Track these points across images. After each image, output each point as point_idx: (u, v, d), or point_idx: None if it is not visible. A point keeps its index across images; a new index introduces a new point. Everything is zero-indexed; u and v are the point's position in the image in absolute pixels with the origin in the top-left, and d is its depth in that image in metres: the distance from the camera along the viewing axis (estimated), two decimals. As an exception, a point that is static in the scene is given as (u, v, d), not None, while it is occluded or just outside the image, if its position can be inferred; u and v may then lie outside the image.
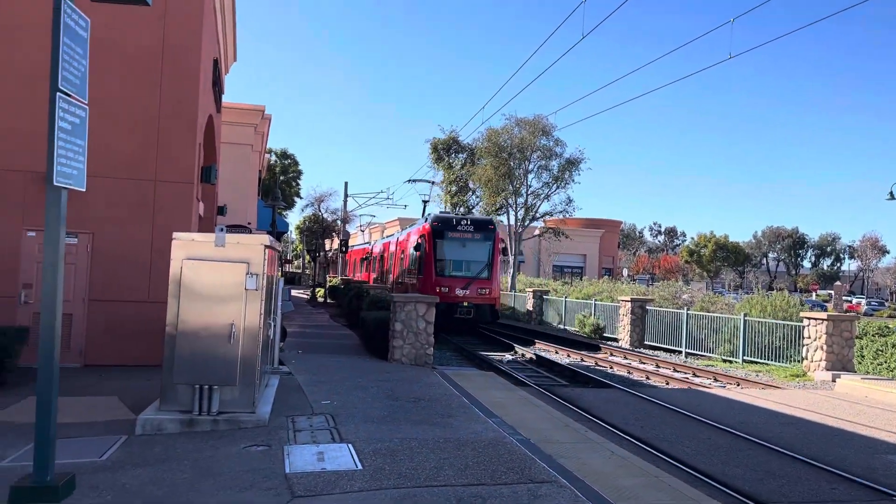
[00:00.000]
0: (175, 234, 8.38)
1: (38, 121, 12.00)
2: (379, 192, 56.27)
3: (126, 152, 12.55)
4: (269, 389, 10.06)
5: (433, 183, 44.12)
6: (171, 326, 8.24)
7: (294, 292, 43.82)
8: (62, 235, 6.01)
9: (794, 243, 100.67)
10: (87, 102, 6.19)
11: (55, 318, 5.94)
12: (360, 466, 7.08)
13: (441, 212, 30.03)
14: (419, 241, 25.72)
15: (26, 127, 12.01)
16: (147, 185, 12.59)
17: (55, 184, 5.85)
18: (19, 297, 11.99)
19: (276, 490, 6.38)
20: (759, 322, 19.89)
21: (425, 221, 26.78)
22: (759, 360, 19.48)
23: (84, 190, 6.26)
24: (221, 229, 8.37)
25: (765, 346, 19.50)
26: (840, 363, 17.18)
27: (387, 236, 45.68)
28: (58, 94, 5.77)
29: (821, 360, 17.32)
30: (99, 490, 6.28)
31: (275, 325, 10.44)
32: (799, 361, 18.36)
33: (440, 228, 25.26)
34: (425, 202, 40.53)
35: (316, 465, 7.13)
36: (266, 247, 8.61)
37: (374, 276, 38.58)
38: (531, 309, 33.69)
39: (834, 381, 16.31)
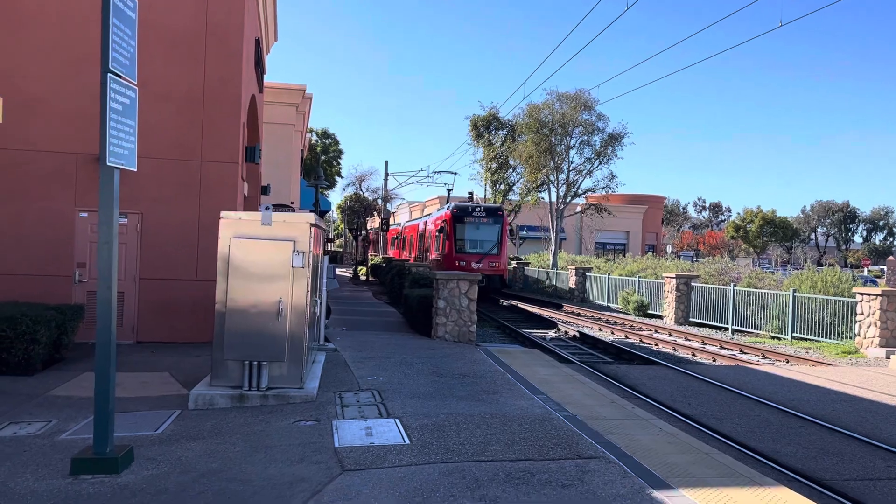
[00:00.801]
0: (222, 214, 8.50)
1: (85, 103, 12.25)
2: (419, 171, 56.47)
3: (172, 133, 12.75)
4: (315, 366, 10.22)
5: (455, 174, 46.87)
6: (221, 304, 8.39)
7: (337, 271, 44.38)
8: (116, 214, 6.15)
9: (845, 217, 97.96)
10: (136, 83, 6.29)
11: (111, 295, 6.09)
12: (407, 441, 7.16)
13: (459, 202, 36.46)
14: (442, 224, 31.71)
15: (75, 109, 12.28)
16: (193, 165, 12.79)
17: (108, 164, 5.97)
18: (73, 276, 12.35)
19: (326, 464, 6.49)
20: (808, 298, 19.46)
21: (446, 209, 32.43)
22: (808, 337, 19.09)
23: (135, 170, 6.38)
24: (268, 208, 8.47)
25: (814, 323, 19.10)
26: (895, 340, 16.75)
27: (422, 216, 46.96)
28: (108, 75, 5.87)
29: (874, 337, 16.90)
30: (156, 462, 6.46)
31: (321, 303, 10.57)
32: (851, 338, 17.95)
33: (459, 214, 31.08)
34: (449, 191, 44.91)
35: (364, 439, 7.23)
36: (312, 225, 8.69)
37: (408, 254, 42.44)
38: (573, 286, 33.51)
39: (888, 357, 15.92)
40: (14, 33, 12.21)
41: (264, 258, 8.42)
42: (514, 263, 44.17)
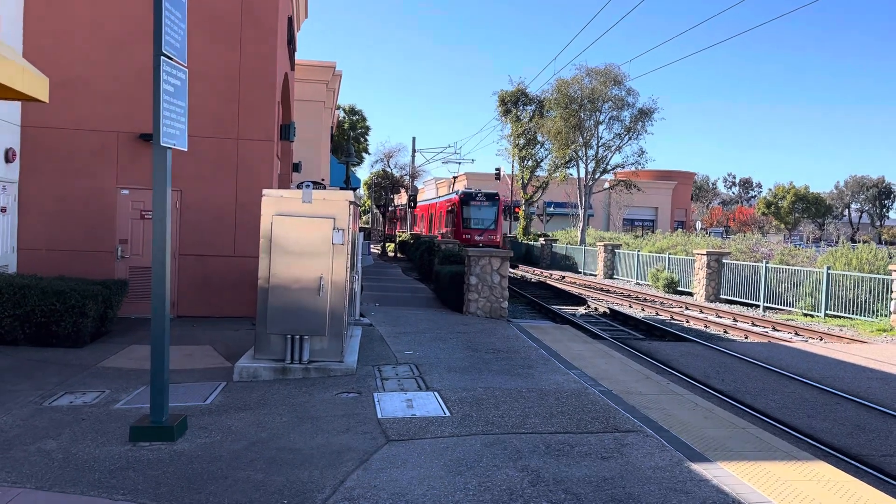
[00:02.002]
0: (265, 192, 8.69)
1: (128, 82, 12.50)
2: (446, 147, 56.30)
3: (210, 111, 12.96)
4: (353, 340, 10.45)
5: (460, 163, 50.69)
6: (264, 280, 8.61)
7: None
8: (168, 193, 6.36)
9: (880, 193, 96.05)
10: (186, 65, 6.46)
11: (165, 270, 6.33)
12: (447, 413, 7.36)
13: (465, 188, 43.94)
14: (452, 206, 42.12)
15: (117, 89, 12.53)
16: (230, 143, 13.01)
17: (162, 144, 6.17)
18: (116, 252, 12.69)
19: (371, 434, 6.71)
20: (842, 275, 19.31)
21: (455, 194, 42.73)
22: (842, 315, 18.97)
23: (186, 150, 6.58)
24: (308, 186, 8.65)
25: (849, 301, 18.96)
26: (931, 318, 16.60)
27: (447, 194, 47.95)
28: (162, 57, 6.04)
29: (910, 315, 16.75)
30: (208, 430, 6.74)
31: (358, 279, 10.76)
32: (886, 316, 17.81)
33: (465, 199, 41.02)
34: (455, 178, 52.81)
35: (406, 411, 7.44)
36: (350, 203, 8.85)
37: (434, 230, 47.21)
38: (602, 263, 33.49)
39: (925, 336, 15.79)
40: (58, 13, 12.46)
41: (305, 235, 8.60)
42: (541, 240, 44.15)
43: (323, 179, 25.19)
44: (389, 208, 59.05)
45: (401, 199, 69.13)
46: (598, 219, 69.40)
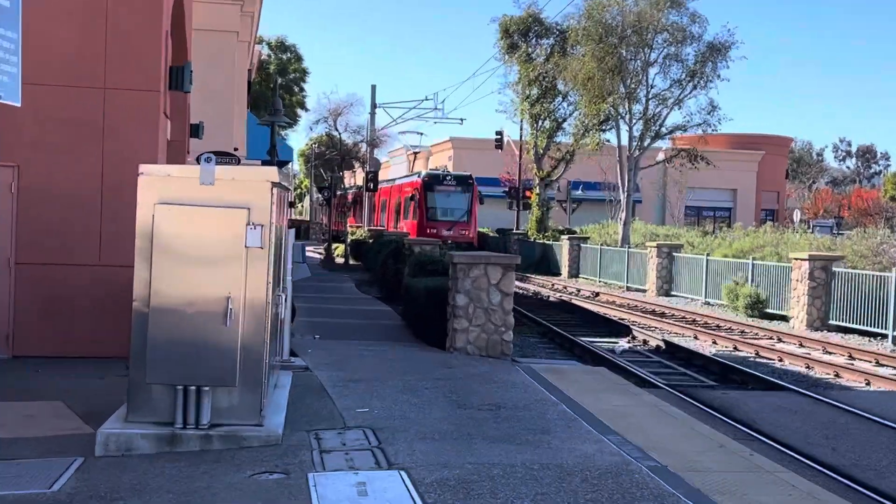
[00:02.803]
0: (142, 168, 8.60)
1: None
2: (422, 101, 56.06)
3: (61, 47, 12.80)
4: (279, 392, 10.35)
5: (422, 134, 53.65)
6: (142, 301, 8.49)
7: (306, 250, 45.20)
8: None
9: None
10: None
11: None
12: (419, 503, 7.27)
13: (430, 170, 50.40)
14: (413, 192, 46.36)
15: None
16: (92, 95, 12.87)
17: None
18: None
19: (302, 537, 6.61)
20: None
21: (416, 177, 48.07)
22: None
23: (20, 105, 6.45)
24: (210, 159, 8.55)
25: None
26: None
27: (403, 177, 49.07)
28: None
29: None
30: (53, 534, 6.60)
31: (286, 300, 10.68)
32: None
33: (429, 182, 46.04)
34: (415, 153, 57.54)
35: (356, 500, 7.34)
36: (273, 185, 8.76)
37: (394, 224, 50.67)
38: (654, 273, 33.68)
39: None
40: None
41: (205, 234, 8.52)
42: (564, 239, 44.39)
43: (236, 149, 25.08)
44: (338, 192, 58.87)
45: (355, 178, 69.05)
46: (647, 206, 69.88)
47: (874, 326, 22.37)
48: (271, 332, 9.18)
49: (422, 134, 53.71)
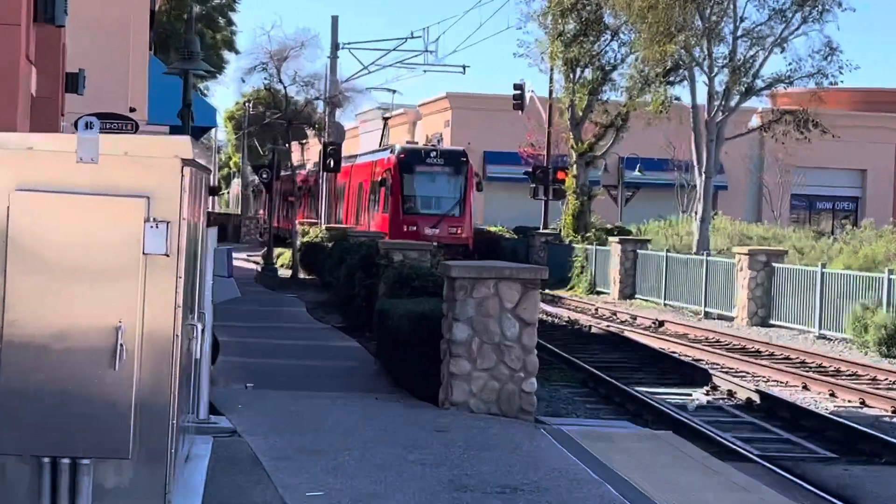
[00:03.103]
0: (-8, 137, 8.52)
1: None
2: (405, 39, 55.91)
3: None
4: (193, 465, 10.29)
5: (394, 91, 56.72)
6: (-12, 332, 8.41)
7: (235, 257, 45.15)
8: None
9: None
10: None
11: None
12: None
13: (408, 142, 53.15)
14: (384, 175, 46.79)
15: None
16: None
17: None
18: None
19: None
20: None
21: (389, 153, 48.37)
22: None
23: None
24: (90, 125, 8.49)
25: None
26: None
27: (369, 152, 49.80)
28: None
29: None
30: None
31: (203, 330, 10.60)
32: None
33: (407, 161, 46.32)
34: (385, 118, 58.85)
35: None
36: (185, 163, 8.68)
37: (367, 220, 52.04)
38: (746, 293, 33.58)
39: None
40: None
41: (85, 234, 8.41)
42: (614, 241, 44.32)
43: (133, 110, 25.02)
44: (283, 173, 58.55)
45: (308, 152, 68.93)
46: (735, 195, 70.00)
47: None
48: (182, 379, 9.06)
49: (394, 91, 53.61)
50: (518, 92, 56.08)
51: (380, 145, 60.84)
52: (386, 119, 63.63)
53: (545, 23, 50.72)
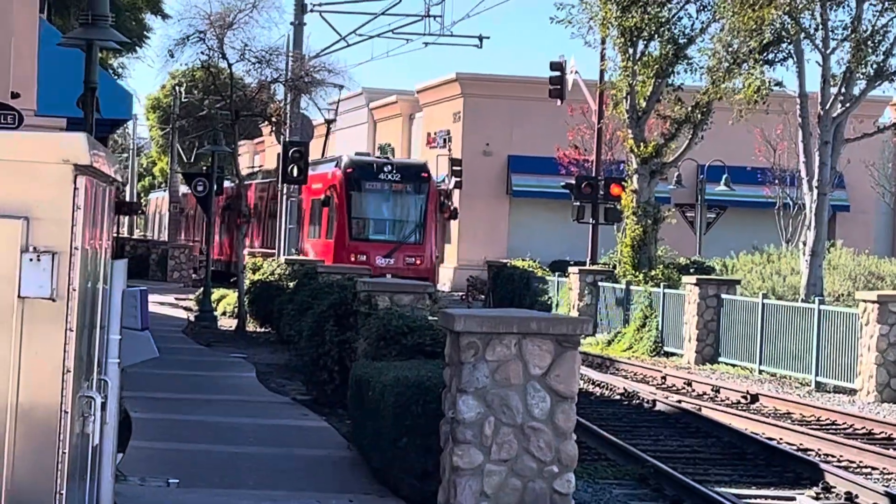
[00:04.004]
0: None
1: None
2: (397, 0, 56.06)
3: None
4: None
5: (341, 87, 57.92)
6: None
7: (151, 300, 45.09)
8: None
9: None
10: None
11: None
12: None
13: (357, 153, 56.21)
14: (328, 193, 51.10)
15: None
16: None
17: None
18: None
19: None
20: None
21: (333, 167, 53.11)
22: None
23: None
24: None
25: None
26: None
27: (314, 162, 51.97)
28: None
29: None
30: None
31: (105, 405, 10.59)
32: None
33: (355, 176, 50.61)
34: (328, 123, 62.72)
35: None
36: (79, 169, 8.69)
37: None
38: (874, 357, 33.47)
39: None
40: None
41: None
42: (689, 282, 44.26)
43: (16, 95, 25.08)
44: (227, 184, 58.48)
45: (263, 157, 69.31)
46: (861, 218, 70.05)
47: None
48: (72, 470, 9.07)
49: (341, 88, 54.45)
50: (556, 73, 56.24)
51: (322, 155, 61.03)
52: (329, 122, 63.26)
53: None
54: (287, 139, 48.91)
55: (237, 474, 17.34)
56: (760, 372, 38.95)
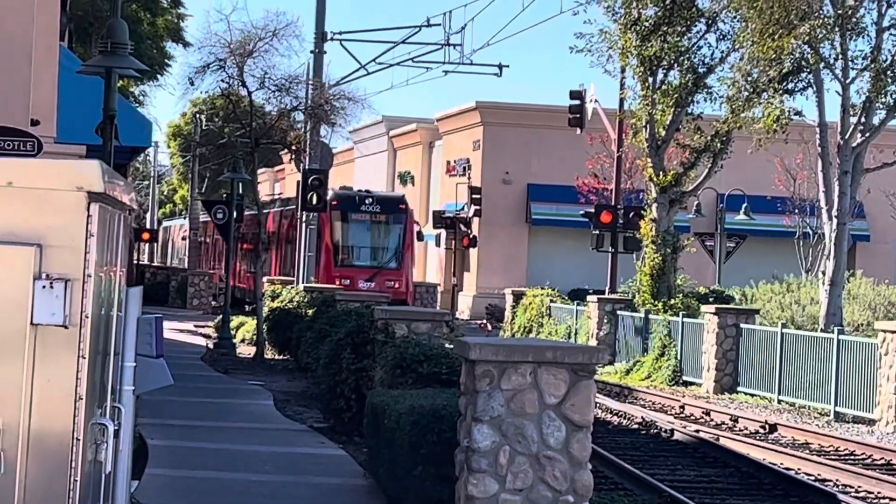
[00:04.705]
0: None
1: None
2: (418, 29, 56.04)
3: None
4: None
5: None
6: None
7: (170, 327, 44.73)
8: None
9: None
10: None
11: None
12: None
13: (342, 187, 61.45)
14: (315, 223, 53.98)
15: None
16: None
17: None
18: None
19: None
20: None
21: None
22: None
23: None
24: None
25: None
26: None
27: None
28: None
29: None
30: None
31: (119, 432, 10.57)
32: None
33: (340, 208, 56.04)
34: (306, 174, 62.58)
35: None
36: (92, 197, 8.68)
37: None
38: (894, 387, 33.38)
39: None
40: None
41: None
42: (708, 311, 44.20)
43: (36, 122, 25.13)
44: (247, 212, 58.47)
45: (283, 184, 69.23)
46: (880, 247, 70.04)
47: None
48: (84, 498, 9.03)
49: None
50: (576, 102, 56.21)
51: (280, 194, 63.03)
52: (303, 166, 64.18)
53: (614, 6, 50.75)
54: (307, 167, 48.96)
55: (253, 502, 17.33)
56: (779, 402, 38.87)
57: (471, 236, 74.32)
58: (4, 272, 8.54)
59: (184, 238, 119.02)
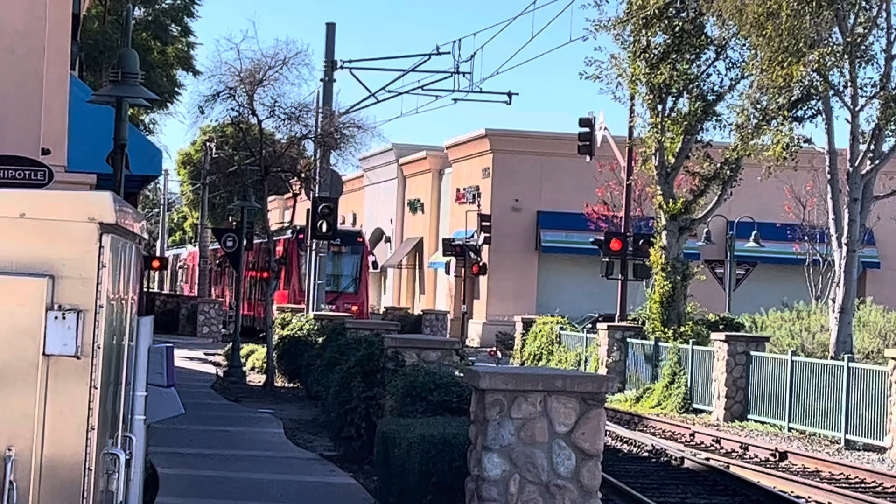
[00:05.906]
0: None
1: None
2: (428, 57, 56.00)
3: None
4: None
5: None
6: None
7: (180, 355, 44.72)
8: None
9: None
10: None
11: None
12: None
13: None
14: (283, 254, 62.38)
15: None
16: None
17: None
18: None
19: None
20: None
21: (291, 233, 65.63)
22: None
23: None
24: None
25: None
26: None
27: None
28: None
29: None
30: None
31: (130, 462, 10.58)
32: None
33: (304, 241, 59.12)
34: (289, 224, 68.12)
35: None
36: (104, 228, 8.69)
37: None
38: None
39: None
40: None
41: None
42: (719, 338, 44.10)
43: (47, 151, 25.14)
44: (257, 241, 58.59)
45: (293, 212, 69.69)
46: (890, 274, 69.83)
47: None
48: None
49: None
50: (585, 129, 56.11)
51: (290, 222, 64.46)
52: (294, 199, 64.86)
53: (623, 34, 50.66)
54: (316, 195, 48.87)
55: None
56: (789, 429, 38.76)
57: (480, 264, 74.50)
58: (17, 303, 8.54)
59: (181, 267, 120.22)
